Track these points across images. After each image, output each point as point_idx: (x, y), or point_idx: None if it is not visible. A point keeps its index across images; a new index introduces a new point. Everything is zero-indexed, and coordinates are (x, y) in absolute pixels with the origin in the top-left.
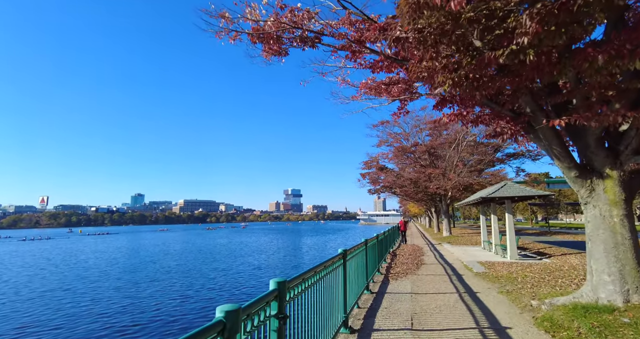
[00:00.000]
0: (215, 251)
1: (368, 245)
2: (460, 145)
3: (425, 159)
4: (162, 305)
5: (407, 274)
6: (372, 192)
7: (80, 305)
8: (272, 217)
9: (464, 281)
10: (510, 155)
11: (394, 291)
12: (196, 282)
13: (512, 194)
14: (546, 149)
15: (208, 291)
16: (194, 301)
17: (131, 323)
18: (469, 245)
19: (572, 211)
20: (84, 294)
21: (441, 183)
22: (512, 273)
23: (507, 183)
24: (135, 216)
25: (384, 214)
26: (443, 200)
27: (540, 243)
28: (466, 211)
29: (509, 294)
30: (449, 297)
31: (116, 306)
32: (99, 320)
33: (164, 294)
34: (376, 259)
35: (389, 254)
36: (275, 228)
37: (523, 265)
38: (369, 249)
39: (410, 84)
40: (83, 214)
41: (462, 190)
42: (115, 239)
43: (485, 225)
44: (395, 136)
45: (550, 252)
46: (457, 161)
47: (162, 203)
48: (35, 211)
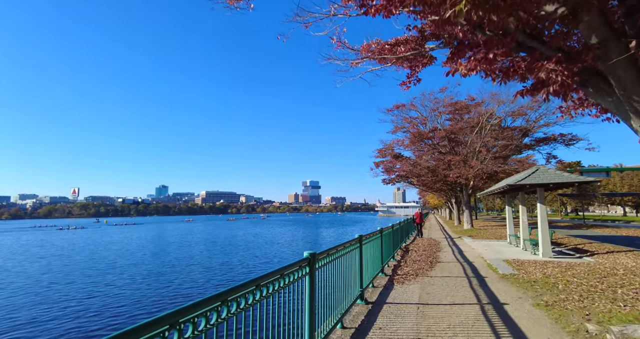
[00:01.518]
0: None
1: (363, 244)
2: (483, 129)
3: (445, 146)
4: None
5: (417, 275)
6: (387, 182)
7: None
8: (291, 208)
9: (487, 286)
10: (540, 140)
11: (396, 301)
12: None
13: (547, 180)
14: (616, 106)
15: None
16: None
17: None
18: (492, 239)
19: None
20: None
21: (462, 171)
22: (549, 276)
23: (539, 168)
24: (160, 207)
25: (403, 205)
26: (464, 190)
27: (576, 238)
28: (489, 202)
29: (548, 308)
30: (467, 311)
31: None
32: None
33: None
34: (382, 258)
35: (399, 250)
36: (294, 219)
37: (561, 265)
38: (370, 248)
39: (421, 42)
40: (111, 205)
41: (486, 179)
42: (146, 230)
43: (511, 217)
44: (411, 121)
45: (592, 249)
46: (480, 147)
47: (185, 195)
48: (67, 202)
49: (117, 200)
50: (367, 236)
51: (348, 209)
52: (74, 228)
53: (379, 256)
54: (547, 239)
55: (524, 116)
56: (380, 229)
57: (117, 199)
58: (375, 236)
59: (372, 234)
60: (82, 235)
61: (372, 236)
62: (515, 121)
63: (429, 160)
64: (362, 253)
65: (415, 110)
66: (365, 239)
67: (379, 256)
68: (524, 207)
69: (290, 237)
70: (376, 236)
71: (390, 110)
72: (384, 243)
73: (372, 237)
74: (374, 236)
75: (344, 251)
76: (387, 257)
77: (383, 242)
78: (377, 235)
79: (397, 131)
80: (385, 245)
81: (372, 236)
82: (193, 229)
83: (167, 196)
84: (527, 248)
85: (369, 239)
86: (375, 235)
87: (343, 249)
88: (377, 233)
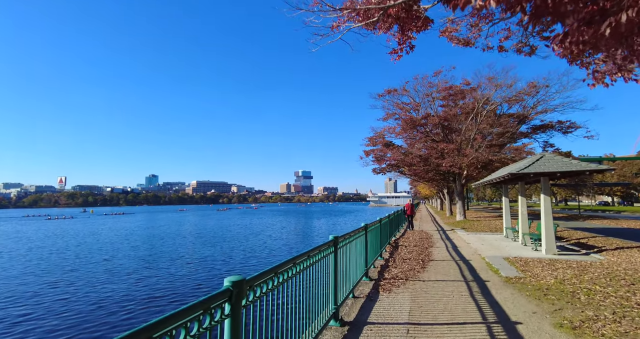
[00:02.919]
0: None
1: (340, 247)
2: (479, 115)
3: (438, 134)
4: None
5: (407, 279)
6: (377, 171)
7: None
8: (283, 198)
9: (491, 294)
10: (537, 127)
11: (380, 320)
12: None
13: (554, 168)
14: None
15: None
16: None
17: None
18: (487, 232)
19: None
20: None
21: (455, 160)
22: (563, 281)
23: (544, 155)
24: (149, 196)
25: (395, 195)
26: (457, 179)
27: (576, 231)
28: (480, 192)
29: (578, 334)
30: (471, 335)
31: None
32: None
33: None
34: (366, 260)
35: (388, 246)
36: (285, 210)
37: (571, 266)
38: (350, 250)
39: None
40: (99, 194)
41: (480, 168)
42: (140, 220)
43: (508, 208)
44: (403, 107)
45: (598, 245)
46: (476, 134)
47: (175, 184)
48: (54, 191)
49: (105, 189)
50: (347, 236)
51: (340, 199)
52: (64, 218)
53: (363, 257)
54: (551, 234)
55: (521, 102)
56: (365, 226)
57: (106, 188)
58: (357, 235)
59: (355, 232)
60: (88, 225)
61: (353, 234)
62: (511, 107)
63: (421, 148)
64: (338, 260)
65: (408, 95)
66: (342, 241)
67: (363, 258)
68: (523, 199)
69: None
70: (359, 235)
71: (381, 95)
72: (369, 242)
73: (354, 236)
74: (356, 234)
75: (304, 264)
76: (373, 257)
77: (368, 240)
78: (360, 233)
79: (388, 118)
80: (371, 243)
81: (354, 234)
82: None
83: (157, 186)
84: (526, 243)
85: (349, 239)
86: (357, 233)
87: (306, 259)
88: (361, 230)
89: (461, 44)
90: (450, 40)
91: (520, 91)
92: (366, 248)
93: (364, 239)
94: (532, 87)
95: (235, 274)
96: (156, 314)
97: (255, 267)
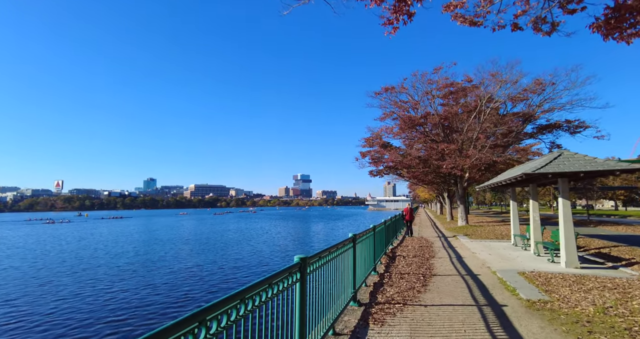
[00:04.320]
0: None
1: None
2: (482, 114)
3: (438, 134)
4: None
5: (405, 304)
6: (374, 174)
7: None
8: (282, 202)
9: (514, 328)
10: (543, 127)
11: None
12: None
13: (576, 168)
14: None
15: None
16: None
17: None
18: (492, 239)
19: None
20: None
21: (457, 162)
22: (605, 307)
23: (562, 153)
24: (147, 200)
25: (393, 199)
26: (459, 182)
27: (592, 239)
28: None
29: None
30: None
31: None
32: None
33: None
34: (354, 281)
35: (384, 257)
36: (283, 214)
37: (605, 284)
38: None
39: None
40: (96, 198)
41: (484, 170)
42: (139, 224)
43: (517, 213)
44: (401, 105)
45: (624, 256)
46: (479, 133)
47: (173, 188)
48: (51, 195)
49: (103, 193)
50: (324, 254)
51: (339, 203)
52: (60, 222)
53: (350, 277)
54: (572, 244)
55: (526, 101)
56: (353, 237)
57: (103, 192)
58: (341, 249)
59: (338, 246)
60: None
61: (335, 250)
62: (515, 106)
63: (421, 149)
64: (307, 289)
65: (406, 93)
66: (314, 262)
67: (350, 278)
68: (535, 203)
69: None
70: (344, 249)
71: (378, 93)
72: (359, 257)
73: (336, 252)
74: (340, 249)
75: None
76: (365, 273)
77: (357, 255)
78: (346, 246)
79: (386, 118)
80: (361, 258)
81: (336, 249)
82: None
83: (155, 189)
84: (539, 252)
85: (328, 257)
86: (342, 247)
87: (247, 294)
88: (347, 243)
89: (467, 22)
90: (454, 18)
91: (525, 88)
92: (354, 265)
93: (351, 254)
94: (537, 84)
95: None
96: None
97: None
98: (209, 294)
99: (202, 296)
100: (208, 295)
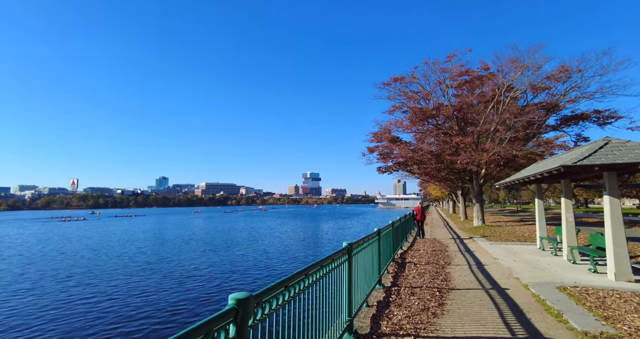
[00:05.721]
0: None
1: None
2: (501, 104)
3: (451, 127)
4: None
5: (417, 336)
6: (382, 170)
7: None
8: (291, 200)
9: None
10: (569, 118)
11: None
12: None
13: (633, 159)
14: None
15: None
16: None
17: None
18: (514, 242)
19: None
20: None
21: (473, 156)
22: None
23: (609, 141)
24: (159, 198)
25: (404, 197)
26: (475, 179)
27: (634, 243)
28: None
29: None
30: None
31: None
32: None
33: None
34: (349, 305)
35: (392, 264)
36: (293, 212)
37: None
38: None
39: None
40: (110, 196)
41: (503, 165)
42: (154, 221)
43: (543, 213)
44: (412, 96)
45: None
46: (497, 125)
47: (185, 186)
48: (66, 193)
49: (116, 191)
50: (294, 281)
51: (348, 201)
52: (76, 220)
53: (344, 301)
54: (624, 251)
55: (548, 90)
56: (348, 247)
57: (117, 190)
58: (332, 265)
59: (329, 261)
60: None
61: (317, 269)
62: (536, 96)
63: (433, 144)
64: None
65: (417, 83)
66: (264, 296)
67: (345, 302)
68: (568, 201)
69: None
70: (334, 264)
71: (387, 83)
72: (357, 272)
73: (320, 271)
74: (328, 265)
75: None
76: (366, 291)
77: (355, 271)
78: (337, 261)
79: (395, 111)
80: (361, 273)
81: (323, 266)
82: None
83: (167, 188)
84: (575, 259)
85: (306, 281)
86: (332, 263)
87: None
88: (339, 256)
89: None
90: None
91: (548, 75)
92: (349, 285)
93: (345, 270)
94: (562, 71)
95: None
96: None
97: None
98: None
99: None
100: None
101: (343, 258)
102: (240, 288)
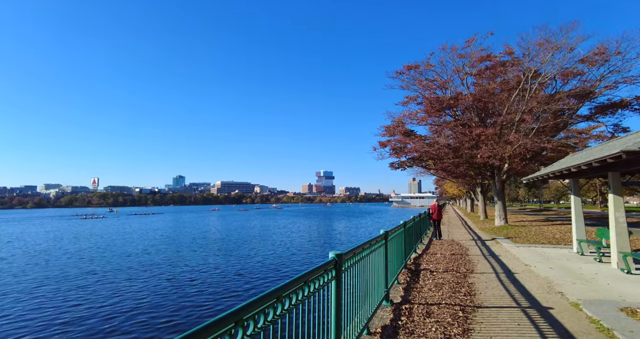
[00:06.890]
0: None
1: None
2: (527, 91)
3: (471, 118)
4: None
5: None
6: (395, 166)
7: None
8: (305, 199)
9: None
10: (605, 106)
11: None
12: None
13: None
14: None
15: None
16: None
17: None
18: (545, 244)
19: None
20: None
21: (495, 149)
22: None
23: None
24: (175, 196)
25: (419, 196)
26: (497, 174)
27: None
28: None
29: None
30: None
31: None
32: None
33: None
34: None
35: (404, 272)
36: (306, 210)
37: None
38: None
39: None
40: (129, 194)
41: (528, 159)
42: (172, 219)
43: (581, 212)
44: (427, 85)
45: None
46: (523, 114)
47: (201, 185)
48: (88, 192)
49: (134, 190)
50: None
51: (362, 200)
52: (96, 217)
53: (332, 331)
54: None
55: (580, 76)
56: (334, 260)
57: (135, 189)
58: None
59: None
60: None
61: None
62: (566, 83)
63: (450, 137)
64: None
65: (433, 70)
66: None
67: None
68: (619, 198)
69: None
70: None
71: (400, 72)
72: (351, 290)
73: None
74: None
75: None
76: (366, 315)
77: (346, 291)
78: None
79: (409, 102)
80: (358, 292)
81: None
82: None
83: (184, 186)
84: (630, 269)
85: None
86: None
87: None
88: (323, 272)
89: None
90: None
91: (582, 57)
92: (337, 311)
93: (333, 290)
94: (599, 53)
95: None
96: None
97: None
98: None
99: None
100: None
101: (328, 276)
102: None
